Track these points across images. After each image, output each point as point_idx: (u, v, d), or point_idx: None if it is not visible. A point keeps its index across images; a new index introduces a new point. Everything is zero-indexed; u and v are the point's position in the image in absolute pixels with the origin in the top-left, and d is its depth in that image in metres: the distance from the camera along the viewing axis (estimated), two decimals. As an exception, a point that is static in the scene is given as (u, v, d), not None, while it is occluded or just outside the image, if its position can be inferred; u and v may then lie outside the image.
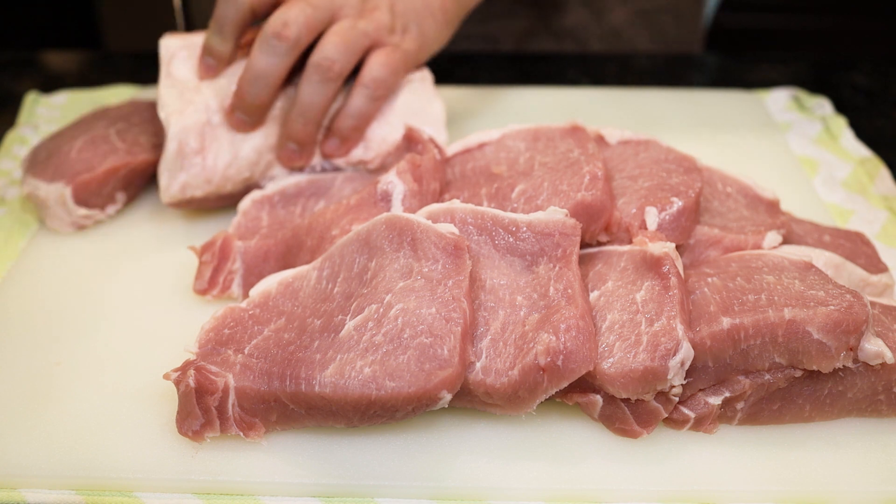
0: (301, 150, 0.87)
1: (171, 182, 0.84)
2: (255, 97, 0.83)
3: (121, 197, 0.89)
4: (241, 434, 0.65)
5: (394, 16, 0.88)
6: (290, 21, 0.82)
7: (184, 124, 0.84)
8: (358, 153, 0.89)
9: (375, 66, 0.85)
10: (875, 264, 0.78)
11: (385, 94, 0.86)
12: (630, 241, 0.72)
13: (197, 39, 0.90)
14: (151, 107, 0.95)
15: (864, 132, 1.07)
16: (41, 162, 0.88)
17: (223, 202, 0.89)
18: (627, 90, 1.14)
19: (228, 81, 0.87)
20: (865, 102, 1.17)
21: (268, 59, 0.82)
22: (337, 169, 0.90)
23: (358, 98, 0.85)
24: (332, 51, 0.82)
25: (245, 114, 0.85)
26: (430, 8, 0.90)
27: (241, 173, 0.86)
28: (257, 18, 0.87)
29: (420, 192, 0.76)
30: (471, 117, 1.07)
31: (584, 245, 0.73)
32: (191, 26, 0.96)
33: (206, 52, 0.87)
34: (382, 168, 0.89)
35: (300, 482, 0.64)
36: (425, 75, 0.93)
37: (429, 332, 0.62)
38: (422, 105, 0.91)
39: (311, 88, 0.84)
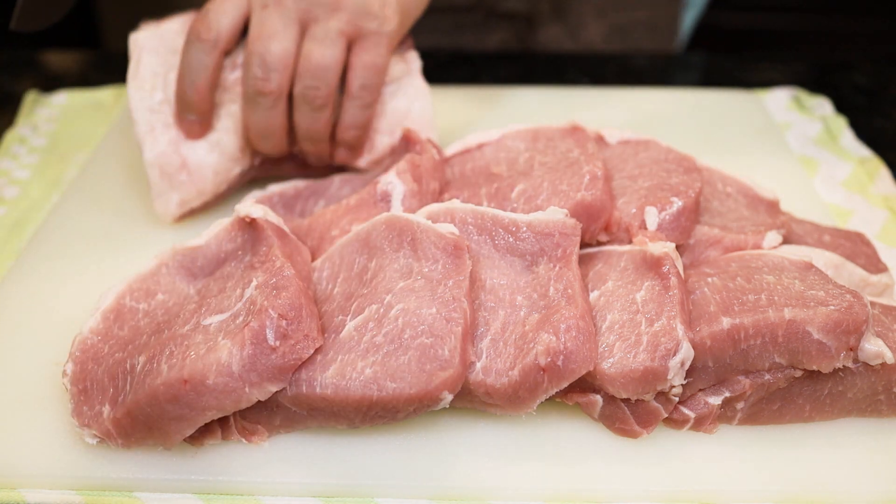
0: (320, 159, 0.88)
1: (167, 204, 0.85)
2: (193, 94, 0.81)
3: None
4: (244, 440, 0.66)
5: None
6: (270, 64, 0.79)
7: (158, 146, 0.83)
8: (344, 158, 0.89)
9: (360, 72, 0.82)
10: (875, 264, 0.78)
11: (376, 96, 0.84)
12: (630, 241, 0.72)
13: (168, 26, 0.86)
14: None
15: (864, 132, 1.07)
16: None
17: (228, 195, 0.89)
18: (627, 90, 1.14)
19: None
20: (865, 102, 1.17)
21: (195, 57, 0.80)
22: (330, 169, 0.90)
23: (351, 110, 0.84)
24: (311, 79, 0.80)
25: (189, 112, 0.82)
26: None
27: (231, 171, 0.86)
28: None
29: (420, 192, 0.76)
30: (471, 117, 1.07)
31: (584, 245, 0.73)
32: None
33: (184, 107, 0.83)
34: (373, 166, 0.89)
35: (300, 482, 0.64)
36: (413, 68, 0.90)
37: (429, 332, 0.62)
38: (408, 104, 0.89)
39: (305, 118, 0.82)
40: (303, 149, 0.86)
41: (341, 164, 0.89)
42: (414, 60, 0.90)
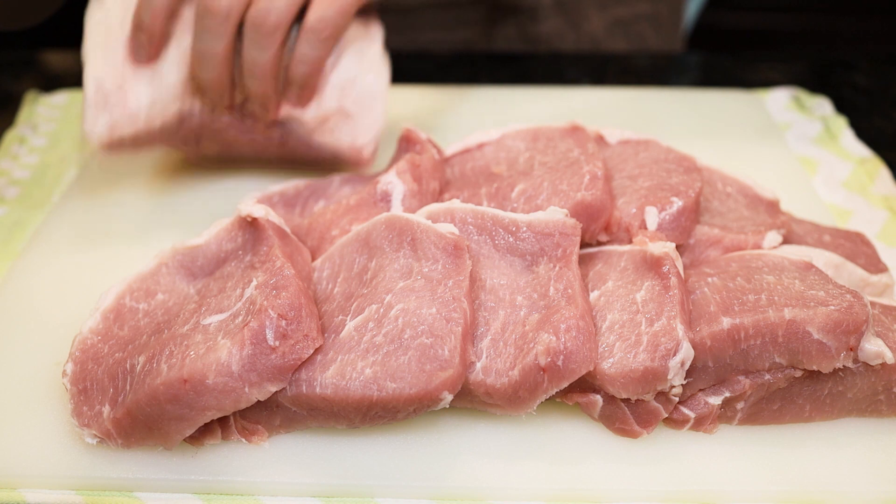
0: (264, 107, 0.84)
1: (96, 123, 0.83)
2: (147, 17, 0.80)
3: None
4: (244, 440, 0.65)
5: None
6: None
7: (100, 65, 0.82)
8: (297, 111, 0.86)
9: (320, 6, 0.80)
10: (875, 264, 0.78)
11: (334, 34, 0.81)
12: (630, 241, 0.72)
13: None
14: None
15: (864, 132, 1.07)
16: None
17: (160, 140, 0.87)
18: (627, 90, 1.14)
19: None
20: (865, 102, 1.17)
21: (205, 41, 0.80)
22: (275, 123, 0.87)
23: (305, 43, 0.81)
24: (264, 3, 0.78)
25: (141, 33, 0.81)
26: None
27: (169, 108, 0.84)
28: None
29: (420, 192, 0.76)
30: (471, 117, 1.07)
31: (584, 245, 0.73)
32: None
33: (137, 27, 0.82)
34: (320, 125, 0.87)
35: (300, 482, 0.64)
36: (374, 36, 0.88)
37: (429, 332, 0.62)
38: (362, 67, 0.86)
39: (250, 47, 0.80)
40: (246, 90, 0.83)
41: (293, 106, 0.86)
42: (377, 30, 0.89)
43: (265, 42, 0.79)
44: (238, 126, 0.88)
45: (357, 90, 0.87)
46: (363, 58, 0.87)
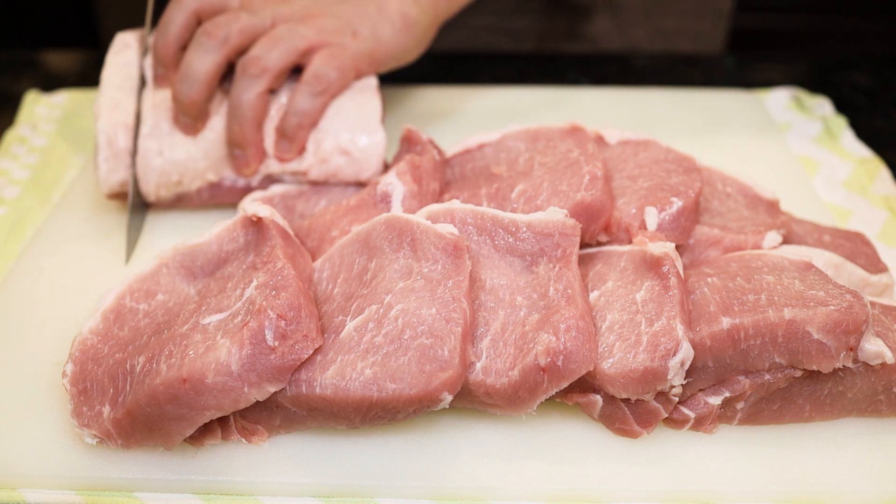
0: (245, 154, 0.85)
1: (110, 175, 0.85)
2: (186, 95, 0.82)
3: None
4: (244, 440, 0.65)
5: (341, 21, 0.87)
6: (220, 22, 0.83)
7: (113, 120, 0.84)
8: (293, 164, 0.86)
9: (317, 63, 0.84)
10: (875, 264, 0.78)
11: (328, 89, 0.84)
12: (630, 241, 0.72)
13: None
14: None
15: (864, 132, 1.07)
16: None
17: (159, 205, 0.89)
18: (627, 90, 1.14)
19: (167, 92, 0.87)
20: (865, 102, 1.17)
21: (196, 55, 0.82)
22: (275, 181, 0.88)
23: (299, 95, 0.84)
24: (259, 49, 0.82)
25: (183, 114, 0.84)
26: (384, 12, 0.88)
27: (171, 177, 0.85)
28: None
29: (420, 192, 0.76)
30: (471, 117, 1.07)
31: (583, 245, 0.73)
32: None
33: (156, 61, 0.87)
34: (328, 177, 0.86)
35: (300, 482, 0.64)
36: (370, 81, 0.89)
37: (429, 332, 0.62)
38: (356, 106, 0.86)
39: (238, 87, 0.83)
40: (228, 134, 0.84)
41: (281, 160, 0.86)
42: (371, 79, 0.89)
43: (250, 83, 0.82)
44: (241, 189, 0.88)
45: (353, 136, 0.86)
46: (354, 98, 0.87)
